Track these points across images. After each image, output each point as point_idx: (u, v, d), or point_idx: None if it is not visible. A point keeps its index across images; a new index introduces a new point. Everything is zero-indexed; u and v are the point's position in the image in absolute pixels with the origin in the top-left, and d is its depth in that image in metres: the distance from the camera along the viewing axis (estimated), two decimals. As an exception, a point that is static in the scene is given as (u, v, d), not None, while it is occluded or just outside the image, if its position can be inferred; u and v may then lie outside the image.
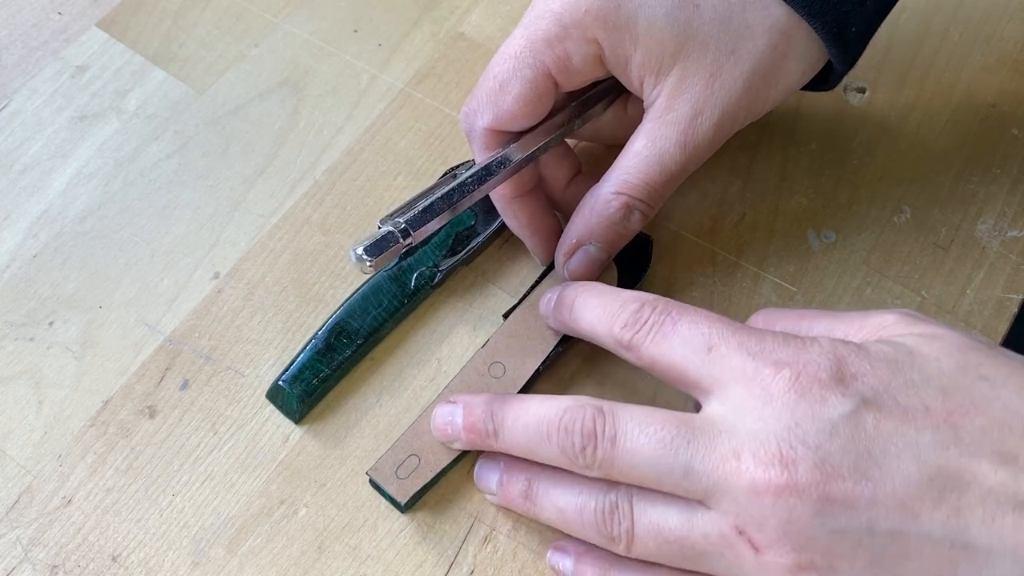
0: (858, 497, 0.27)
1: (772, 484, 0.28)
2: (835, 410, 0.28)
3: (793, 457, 0.28)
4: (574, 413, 0.31)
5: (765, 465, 0.28)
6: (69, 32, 0.47)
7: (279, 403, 0.38)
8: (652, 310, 0.32)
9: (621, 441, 0.30)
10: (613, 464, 0.30)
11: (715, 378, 0.30)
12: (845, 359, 0.29)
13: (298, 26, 0.47)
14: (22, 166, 0.43)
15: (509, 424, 0.33)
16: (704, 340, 0.31)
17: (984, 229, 0.42)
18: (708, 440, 0.29)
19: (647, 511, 0.30)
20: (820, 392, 0.28)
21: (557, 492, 0.33)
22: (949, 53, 0.47)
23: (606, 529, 0.31)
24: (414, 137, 0.44)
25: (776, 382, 0.29)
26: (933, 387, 0.28)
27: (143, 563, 0.35)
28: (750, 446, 0.28)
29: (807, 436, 0.28)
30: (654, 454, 0.30)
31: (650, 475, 0.30)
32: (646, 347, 0.32)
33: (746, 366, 0.30)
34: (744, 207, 0.43)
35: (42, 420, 0.37)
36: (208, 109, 0.45)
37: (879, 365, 0.29)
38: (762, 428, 0.28)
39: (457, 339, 0.40)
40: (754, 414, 0.29)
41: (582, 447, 0.31)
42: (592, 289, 0.35)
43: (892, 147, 0.44)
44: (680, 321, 0.31)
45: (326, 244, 0.41)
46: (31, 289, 0.40)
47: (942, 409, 0.28)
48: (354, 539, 0.36)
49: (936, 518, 0.27)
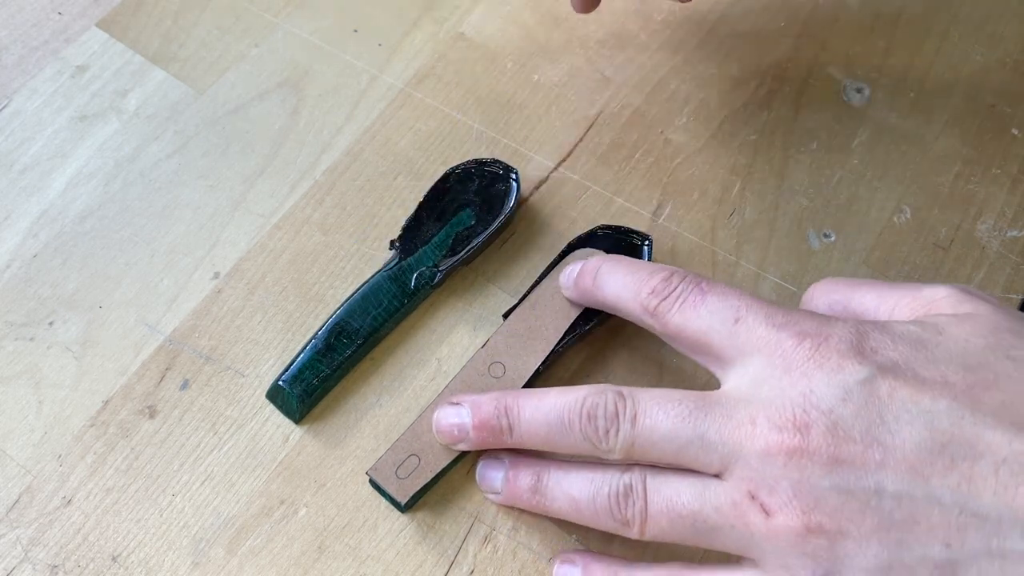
0: (868, 460, 0.27)
1: (785, 446, 0.28)
2: (851, 376, 0.28)
3: (807, 421, 0.28)
4: (596, 398, 0.32)
5: (779, 429, 0.28)
6: (69, 32, 0.47)
7: (279, 403, 0.38)
8: (681, 279, 0.33)
9: (641, 419, 0.31)
10: (634, 444, 0.31)
11: (738, 348, 0.31)
12: (867, 333, 0.30)
13: (298, 26, 0.47)
14: (22, 166, 0.43)
15: (527, 417, 0.33)
16: (732, 312, 0.31)
17: (984, 229, 0.42)
18: (725, 411, 0.30)
19: (660, 489, 0.31)
20: (838, 361, 0.29)
21: (569, 482, 0.33)
22: (949, 53, 0.47)
23: (620, 513, 0.31)
24: (414, 137, 0.44)
25: (797, 352, 0.29)
26: (956, 364, 0.28)
27: (143, 563, 0.35)
28: (766, 412, 0.29)
29: (821, 401, 0.28)
30: (673, 428, 0.30)
31: (669, 450, 0.30)
32: (673, 315, 0.32)
33: (769, 336, 0.30)
34: (744, 207, 0.43)
35: (42, 420, 0.37)
36: (208, 109, 0.45)
37: (901, 342, 0.29)
38: (778, 395, 0.29)
39: (457, 339, 0.40)
40: (772, 383, 0.29)
41: (605, 430, 0.31)
42: (620, 259, 0.36)
43: (892, 147, 0.44)
44: (710, 292, 0.32)
45: (326, 244, 0.41)
46: (31, 289, 0.40)
47: (962, 382, 0.28)
48: (354, 539, 0.36)
49: (946, 484, 0.27)
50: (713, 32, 0.48)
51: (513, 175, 0.42)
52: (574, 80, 0.46)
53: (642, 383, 0.39)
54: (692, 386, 0.39)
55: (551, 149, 0.44)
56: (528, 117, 0.45)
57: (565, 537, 0.36)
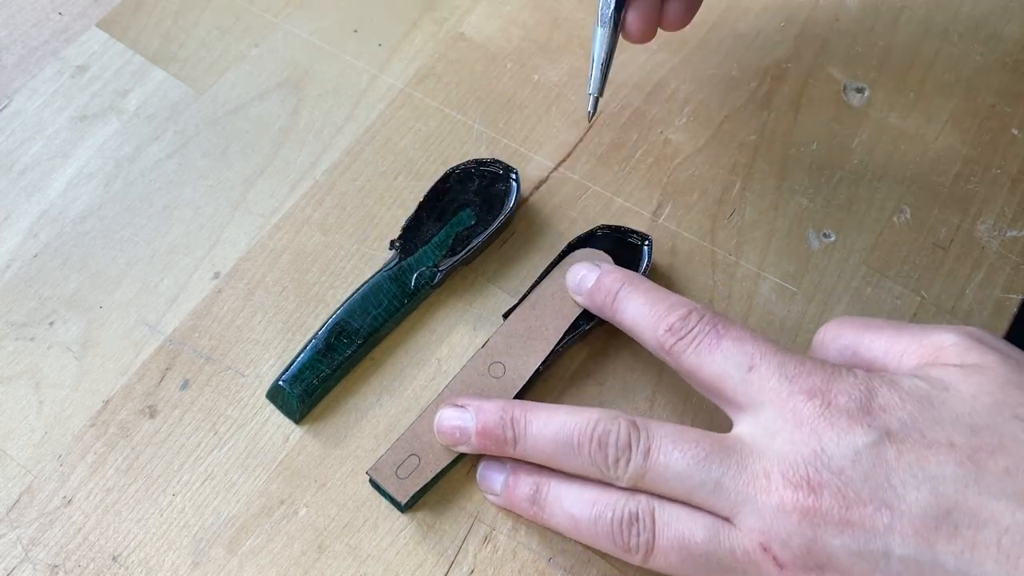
0: (876, 523, 0.28)
1: (799, 505, 0.29)
2: (859, 439, 0.29)
3: (819, 480, 0.29)
4: (608, 425, 0.32)
5: (794, 486, 0.29)
6: (69, 32, 0.47)
7: (279, 403, 0.38)
8: (699, 319, 0.33)
9: (655, 455, 0.31)
10: (644, 476, 0.31)
11: (751, 397, 0.31)
12: (875, 391, 0.30)
13: (298, 26, 0.47)
14: (22, 166, 0.43)
15: (534, 432, 0.33)
16: (747, 359, 0.32)
17: (984, 229, 0.42)
18: (740, 459, 0.30)
19: (671, 524, 0.31)
20: (847, 421, 0.29)
21: (570, 499, 0.33)
22: (949, 53, 0.47)
23: (622, 539, 0.31)
24: (414, 137, 0.44)
25: (807, 408, 0.30)
26: (962, 424, 0.29)
27: (143, 563, 0.35)
28: (780, 467, 0.29)
29: (832, 461, 0.29)
30: (687, 469, 0.30)
31: (680, 489, 0.31)
32: (687, 356, 0.33)
33: (781, 389, 0.31)
34: (744, 207, 0.43)
35: (42, 420, 0.37)
36: (208, 109, 0.45)
37: (908, 400, 0.29)
38: (791, 451, 0.29)
39: (457, 339, 0.40)
40: (784, 436, 0.30)
41: (616, 459, 0.31)
42: (640, 284, 0.36)
43: (892, 147, 0.44)
44: (725, 336, 0.32)
45: (326, 244, 0.41)
46: (31, 289, 0.40)
47: (967, 446, 0.28)
48: (354, 539, 0.36)
49: (951, 550, 0.27)
50: (713, 32, 0.48)
51: (513, 175, 0.42)
52: (574, 80, 0.46)
53: (642, 383, 0.39)
54: (691, 388, 0.39)
55: (551, 149, 0.44)
56: (528, 117, 0.45)
57: (565, 537, 0.36)
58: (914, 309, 0.40)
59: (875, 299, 0.41)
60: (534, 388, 0.38)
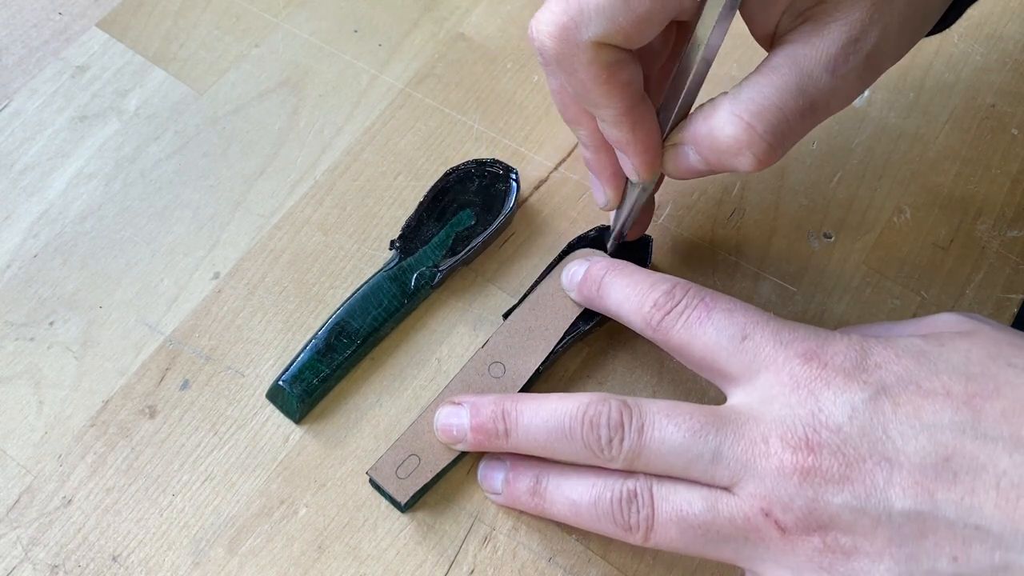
0: (876, 477, 0.28)
1: (799, 466, 0.28)
2: (856, 396, 0.29)
3: (818, 440, 0.29)
4: (598, 407, 0.32)
5: (793, 448, 0.29)
6: (69, 32, 0.47)
7: (279, 403, 0.38)
8: (684, 293, 0.33)
9: (649, 431, 0.31)
10: (640, 454, 0.31)
11: (746, 366, 0.31)
12: (870, 349, 0.30)
13: (298, 26, 0.47)
14: (22, 166, 0.43)
15: (524, 422, 0.33)
16: (739, 329, 0.31)
17: (984, 229, 0.42)
18: (736, 427, 0.30)
19: (669, 498, 0.31)
20: (843, 380, 0.29)
21: (569, 485, 0.33)
22: (949, 53, 0.47)
23: (623, 518, 0.31)
24: (414, 137, 0.44)
25: (803, 371, 0.30)
26: (958, 373, 0.29)
27: (143, 563, 0.35)
28: (778, 430, 0.29)
29: (829, 420, 0.29)
30: (683, 442, 0.30)
31: (678, 463, 0.30)
32: (677, 330, 0.32)
33: (777, 355, 0.31)
34: (744, 207, 0.43)
35: (42, 420, 0.37)
36: (208, 109, 0.45)
37: (904, 355, 0.30)
38: (788, 414, 0.29)
39: (457, 339, 0.40)
40: (781, 400, 0.30)
41: (608, 439, 0.31)
42: (623, 267, 0.36)
43: (892, 147, 0.44)
44: (714, 308, 0.32)
45: (326, 244, 0.41)
46: (31, 289, 0.40)
47: (964, 392, 0.28)
48: (354, 539, 0.36)
49: (950, 498, 0.27)
50: (713, 32, 0.48)
51: (513, 175, 0.42)
52: (574, 80, 0.46)
53: (642, 383, 0.39)
54: (691, 386, 0.39)
55: (551, 149, 0.44)
56: (528, 117, 0.45)
57: (565, 537, 0.36)
58: (914, 309, 0.40)
59: (875, 299, 0.41)
60: (534, 388, 0.38)
